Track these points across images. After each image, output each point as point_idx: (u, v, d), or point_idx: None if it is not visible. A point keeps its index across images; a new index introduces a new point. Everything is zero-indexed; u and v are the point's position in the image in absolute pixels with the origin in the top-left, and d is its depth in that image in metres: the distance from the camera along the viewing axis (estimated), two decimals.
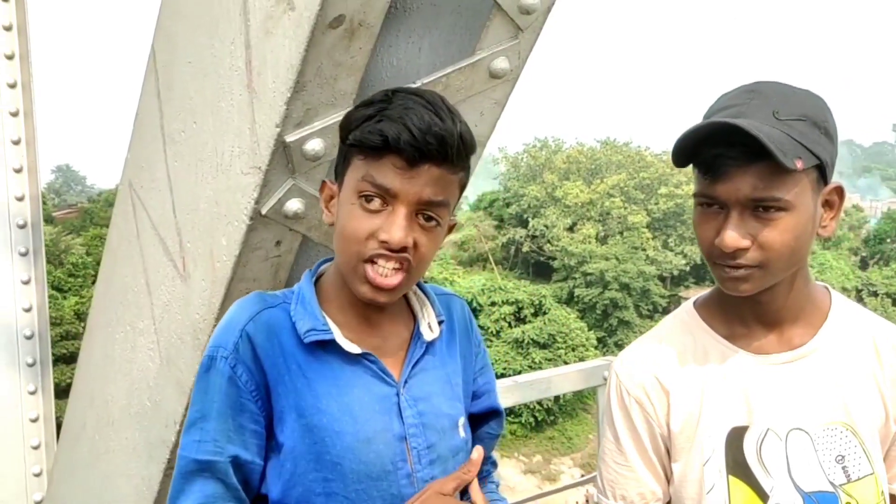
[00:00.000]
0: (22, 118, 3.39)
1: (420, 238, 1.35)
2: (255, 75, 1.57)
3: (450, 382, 1.54)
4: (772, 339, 1.60)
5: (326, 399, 1.38)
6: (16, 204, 3.41)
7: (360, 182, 1.33)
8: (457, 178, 1.38)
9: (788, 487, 1.53)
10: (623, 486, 1.68)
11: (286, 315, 1.40)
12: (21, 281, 3.42)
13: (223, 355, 1.36)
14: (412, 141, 1.28)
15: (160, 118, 1.84)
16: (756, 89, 1.47)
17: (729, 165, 1.41)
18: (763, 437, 1.56)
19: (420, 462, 1.44)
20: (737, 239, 1.43)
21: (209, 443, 1.35)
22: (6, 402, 3.41)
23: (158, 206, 1.87)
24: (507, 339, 35.67)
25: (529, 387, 3.68)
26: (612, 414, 1.68)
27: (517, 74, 1.78)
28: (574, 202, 45.76)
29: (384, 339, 1.47)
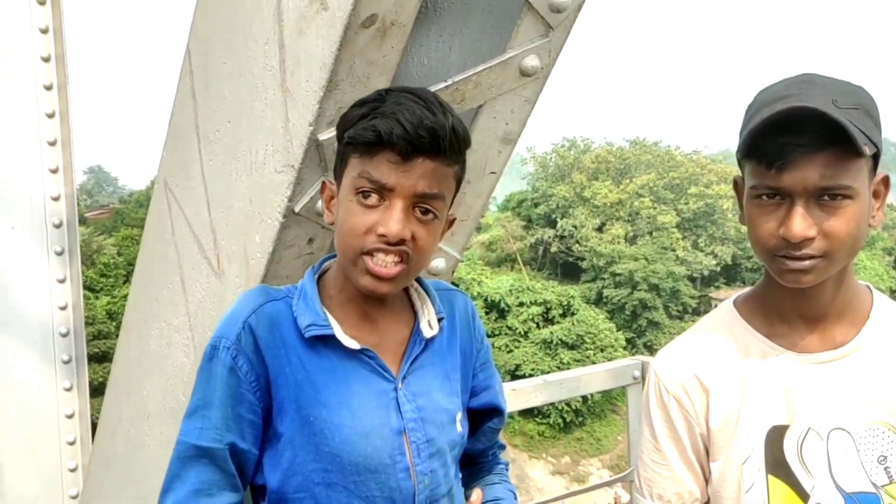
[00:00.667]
0: (58, 119, 3.45)
1: (418, 231, 1.37)
2: (288, 75, 1.59)
3: (448, 378, 1.56)
4: (814, 338, 1.57)
5: (325, 392, 1.41)
6: (52, 204, 3.46)
7: (357, 179, 1.36)
8: (451, 171, 1.40)
9: (829, 487, 1.51)
10: (661, 485, 1.66)
11: (289, 309, 1.43)
12: (57, 280, 3.47)
13: (225, 346, 1.39)
14: (404, 135, 1.31)
15: (195, 118, 1.87)
16: (808, 80, 1.45)
17: (797, 154, 1.38)
18: (804, 436, 1.53)
19: (419, 456, 1.46)
20: (805, 228, 1.40)
21: (211, 430, 1.39)
22: (42, 398, 3.47)
23: (193, 204, 1.90)
24: (536, 340, 35.62)
25: (559, 386, 3.68)
26: (651, 412, 1.67)
27: (548, 72, 1.78)
28: (603, 202, 45.60)
29: (383, 336, 1.49)
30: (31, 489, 3.45)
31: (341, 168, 1.42)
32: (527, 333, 36.05)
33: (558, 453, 33.67)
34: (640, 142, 51.42)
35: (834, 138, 1.35)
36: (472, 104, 1.74)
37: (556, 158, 51.28)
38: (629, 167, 48.72)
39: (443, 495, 1.51)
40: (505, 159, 1.88)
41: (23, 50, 3.33)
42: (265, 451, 1.45)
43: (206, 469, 1.40)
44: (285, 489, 1.43)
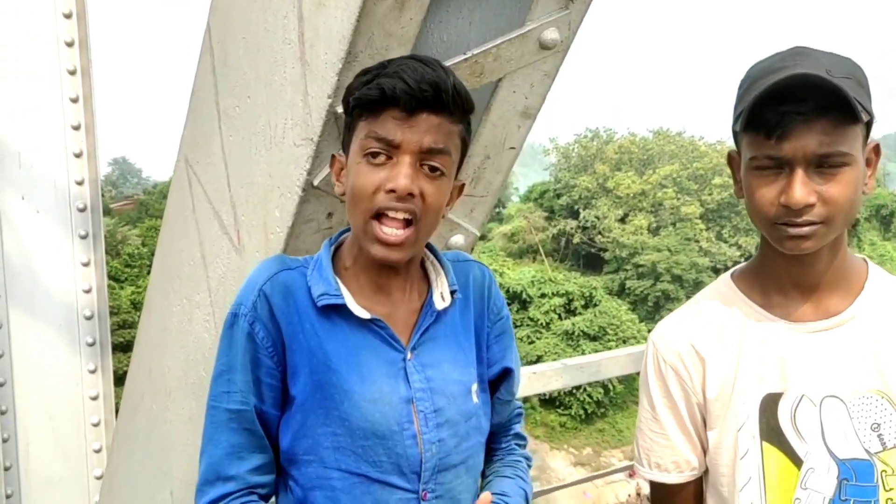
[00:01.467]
0: (81, 104, 3.47)
1: (426, 187, 1.38)
2: (307, 47, 1.60)
3: (462, 349, 1.58)
4: (808, 307, 1.60)
5: (336, 359, 1.44)
6: (76, 188, 3.49)
7: (364, 140, 1.38)
8: (457, 129, 1.42)
9: (823, 454, 1.54)
10: (658, 453, 1.71)
11: (303, 278, 1.47)
12: (81, 263, 3.51)
13: (243, 313, 1.44)
14: (407, 90, 1.33)
15: (215, 94, 1.87)
16: (800, 52, 1.48)
17: (797, 122, 1.41)
18: (797, 403, 1.57)
19: (427, 425, 1.49)
20: (806, 195, 1.43)
21: (237, 393, 1.45)
22: (67, 380, 3.51)
23: (213, 180, 1.91)
24: (557, 332, 35.51)
25: (579, 370, 3.68)
26: (649, 382, 1.71)
27: (567, 45, 1.77)
28: (626, 193, 45.33)
29: (395, 307, 1.52)
30: (56, 470, 3.49)
31: (349, 137, 1.44)
32: (549, 325, 35.94)
33: (580, 444, 33.59)
34: (663, 132, 51.03)
35: (832, 105, 1.38)
36: (492, 77, 1.73)
37: (579, 149, 51.00)
38: (652, 158, 48.39)
39: (454, 465, 1.53)
40: (524, 134, 1.87)
41: (47, 35, 3.36)
42: (282, 413, 1.49)
43: (235, 432, 1.46)
44: (295, 450, 1.48)
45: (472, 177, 1.88)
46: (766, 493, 1.57)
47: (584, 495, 29.48)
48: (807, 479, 1.55)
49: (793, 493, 1.55)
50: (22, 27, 3.32)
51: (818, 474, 1.54)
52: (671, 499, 1.74)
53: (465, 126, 1.45)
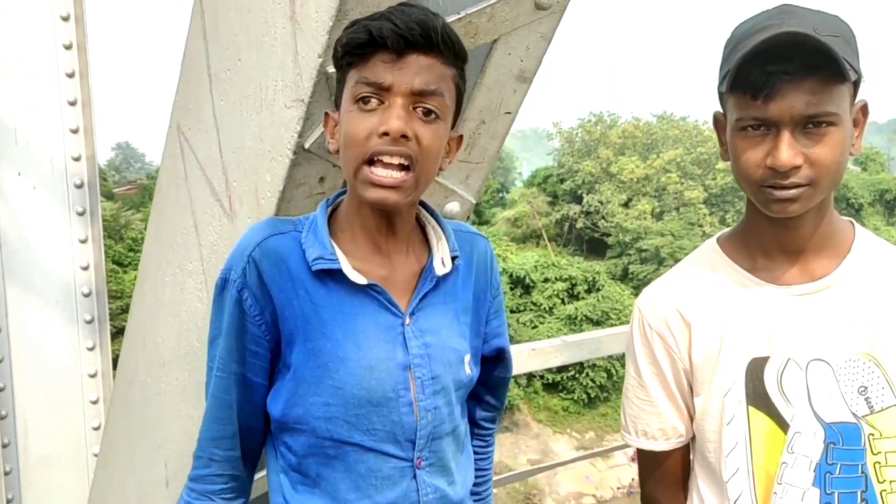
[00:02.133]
0: (78, 79, 3.44)
1: (420, 130, 1.35)
2: (297, 6, 1.57)
3: (458, 319, 1.56)
4: (794, 271, 1.59)
5: (332, 325, 1.42)
6: (73, 164, 3.47)
7: (354, 87, 1.35)
8: (449, 72, 1.39)
9: (809, 417, 1.53)
10: (645, 421, 1.70)
11: (296, 242, 1.43)
12: (78, 240, 3.49)
13: (232, 279, 1.41)
14: (395, 29, 1.30)
15: (206, 58, 1.84)
16: (787, 10, 1.45)
17: (784, 82, 1.38)
18: (783, 367, 1.55)
19: (424, 392, 1.47)
20: (792, 156, 1.41)
21: (217, 359, 1.46)
22: (65, 358, 3.50)
23: (205, 146, 1.88)
24: (560, 316, 35.54)
25: (578, 346, 3.66)
26: (635, 349, 1.70)
27: (564, 6, 1.74)
28: (629, 178, 45.22)
29: (394, 270, 1.49)
30: (55, 448, 3.49)
31: (340, 91, 1.41)
32: (552, 309, 35.96)
33: (582, 429, 33.66)
34: (667, 116, 50.87)
35: (820, 64, 1.36)
36: (486, 39, 1.70)
37: (583, 134, 50.86)
38: (656, 142, 48.25)
39: (446, 433, 1.52)
40: (520, 99, 1.84)
41: (42, 9, 3.33)
42: (275, 381, 1.47)
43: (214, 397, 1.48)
44: (286, 419, 1.46)
45: (468, 143, 1.85)
46: (752, 458, 1.56)
47: (586, 479, 29.60)
48: (793, 442, 1.53)
49: (779, 458, 1.54)
50: (16, 2, 3.29)
51: (805, 438, 1.53)
52: (659, 466, 1.74)
53: (458, 71, 1.41)
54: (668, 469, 1.73)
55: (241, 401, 1.47)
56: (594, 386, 33.35)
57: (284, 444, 1.49)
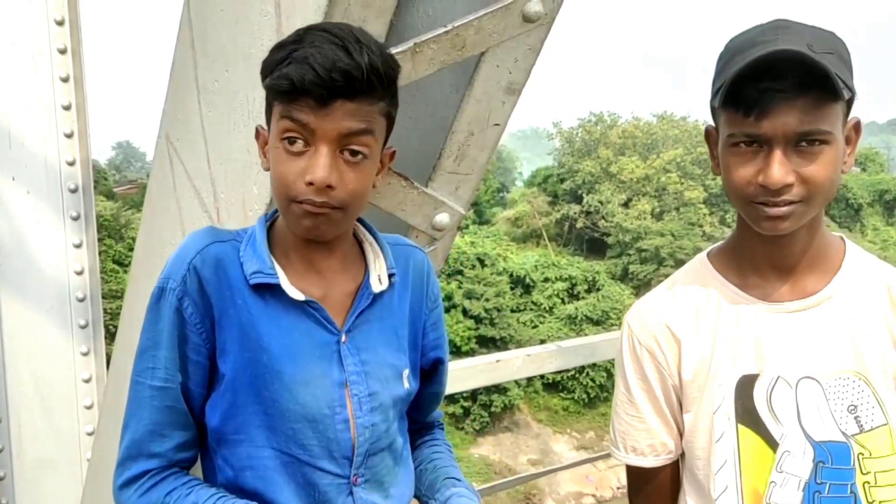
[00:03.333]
0: (72, 84, 3.44)
1: (347, 175, 1.34)
2: (284, 19, 1.57)
3: (396, 334, 1.55)
4: (785, 288, 1.58)
5: (268, 338, 1.41)
6: (67, 169, 3.46)
7: (280, 121, 1.33)
8: (376, 108, 1.36)
9: (799, 436, 1.52)
10: (634, 437, 1.68)
11: (235, 252, 1.42)
12: (73, 244, 3.49)
13: (171, 287, 1.39)
14: (318, 80, 1.27)
15: (194, 69, 1.84)
16: (782, 25, 1.44)
17: (778, 100, 1.37)
18: (773, 384, 1.54)
19: (361, 409, 1.46)
20: (784, 175, 1.40)
21: (161, 370, 1.41)
22: (60, 363, 3.49)
23: (193, 157, 1.88)
24: (560, 316, 35.56)
25: (574, 352, 3.65)
26: (624, 364, 1.68)
27: (552, 18, 1.74)
28: (629, 178, 45.21)
29: (331, 287, 1.48)
30: (49, 452, 3.48)
31: (269, 114, 1.39)
32: (552, 309, 35.98)
33: (582, 428, 33.67)
34: (667, 116, 50.84)
35: (813, 82, 1.34)
36: (474, 51, 1.70)
37: (583, 133, 50.85)
38: (656, 142, 48.23)
39: (382, 448, 1.51)
40: (509, 111, 1.84)
41: (36, 14, 3.32)
42: (211, 391, 1.45)
43: (158, 410, 1.42)
44: (225, 429, 1.44)
45: (457, 154, 1.85)
46: (741, 477, 1.55)
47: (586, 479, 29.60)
48: (782, 461, 1.52)
49: (768, 476, 1.53)
50: (11, 6, 3.29)
51: (794, 457, 1.52)
52: (648, 483, 1.73)
53: (388, 100, 1.39)
54: (658, 485, 1.72)
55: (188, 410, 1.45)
56: (594, 385, 33.35)
57: (222, 457, 1.47)
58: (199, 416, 1.46)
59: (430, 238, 1.91)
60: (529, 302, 36.38)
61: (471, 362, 3.43)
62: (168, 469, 1.45)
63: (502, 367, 3.33)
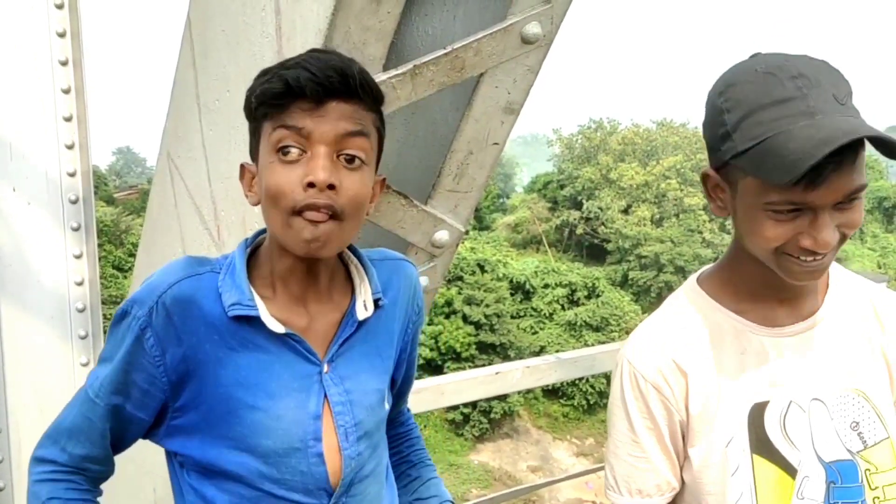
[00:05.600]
0: (73, 95, 3.44)
1: (346, 180, 1.30)
2: (284, 41, 1.58)
3: (380, 354, 1.52)
4: (783, 311, 1.55)
5: (245, 371, 1.37)
6: (68, 180, 3.46)
7: (274, 133, 1.29)
8: (370, 116, 1.34)
9: (813, 459, 1.49)
10: (639, 479, 1.60)
11: (212, 284, 1.38)
12: (73, 255, 3.48)
13: (137, 315, 1.35)
14: (313, 78, 1.25)
15: (195, 87, 1.85)
16: (799, 73, 1.34)
17: (831, 170, 1.29)
18: (786, 410, 1.51)
19: (347, 440, 1.43)
20: (832, 237, 1.35)
21: (98, 385, 1.38)
22: (59, 374, 3.49)
23: (194, 175, 1.89)
24: (560, 322, 35.55)
25: (573, 364, 3.64)
26: (626, 403, 1.59)
27: (550, 40, 1.75)
28: (629, 184, 45.25)
29: (314, 318, 1.44)
30: None
31: (256, 143, 1.36)
32: (552, 315, 35.98)
33: (582, 435, 33.63)
34: (667, 123, 50.88)
35: (861, 146, 1.29)
36: (473, 72, 1.71)
37: (583, 140, 50.91)
38: (656, 149, 48.26)
39: (366, 475, 1.49)
40: (508, 130, 1.85)
41: (37, 25, 3.33)
42: (179, 418, 1.42)
43: (81, 416, 1.41)
44: (201, 459, 1.41)
45: (456, 173, 1.86)
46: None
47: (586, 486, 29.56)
48: (802, 487, 1.49)
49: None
50: (13, 17, 3.30)
51: (812, 481, 1.49)
52: None
53: (377, 116, 1.37)
54: None
55: (113, 429, 1.42)
56: (594, 392, 33.32)
57: (193, 488, 1.45)
58: (130, 441, 1.46)
59: (429, 255, 1.92)
60: (529, 308, 36.39)
61: (470, 374, 3.42)
62: (72, 472, 1.44)
63: (501, 380, 3.32)
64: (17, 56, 3.29)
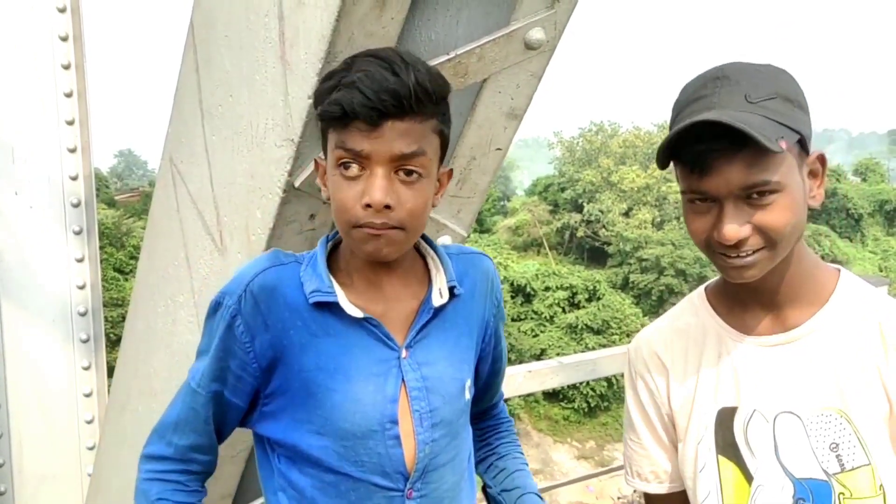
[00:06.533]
0: (76, 99, 3.45)
1: (403, 194, 1.36)
2: (287, 47, 1.57)
3: (459, 345, 1.56)
4: (767, 321, 1.57)
5: (325, 357, 1.44)
6: (70, 183, 3.47)
7: (335, 151, 1.36)
8: (428, 126, 1.38)
9: (776, 470, 1.50)
10: (637, 462, 1.72)
11: (296, 274, 1.45)
12: (75, 259, 3.50)
13: (227, 304, 1.43)
14: (366, 103, 1.30)
15: (198, 92, 1.85)
16: (722, 75, 1.43)
17: (716, 158, 1.37)
18: (749, 418, 1.54)
19: (422, 425, 1.48)
20: (737, 230, 1.39)
21: (199, 375, 1.48)
22: (61, 377, 3.50)
23: (197, 180, 1.89)
24: (561, 325, 35.54)
25: (575, 368, 3.66)
26: (627, 391, 1.74)
27: (554, 46, 1.75)
28: (630, 187, 45.27)
29: (392, 305, 1.50)
30: (50, 467, 3.49)
31: (324, 143, 1.42)
32: (552, 318, 35.97)
33: (583, 438, 33.62)
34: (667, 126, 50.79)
35: (749, 139, 1.32)
36: (476, 78, 1.71)
37: (584, 143, 50.96)
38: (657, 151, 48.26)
39: (443, 464, 1.53)
40: (511, 135, 1.85)
41: (40, 29, 3.34)
42: (269, 404, 1.49)
43: (186, 407, 1.50)
44: (285, 443, 1.48)
45: (459, 178, 1.86)
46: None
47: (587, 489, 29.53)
48: (756, 495, 1.52)
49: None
50: (15, 21, 3.30)
51: (769, 491, 1.51)
52: None
53: (439, 118, 1.41)
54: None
55: (215, 414, 1.50)
56: (595, 395, 33.31)
57: (281, 471, 1.52)
58: (232, 425, 1.53)
59: None
60: (530, 311, 36.39)
61: None
62: (180, 472, 1.52)
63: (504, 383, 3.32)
64: (19, 59, 3.30)
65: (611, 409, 34.32)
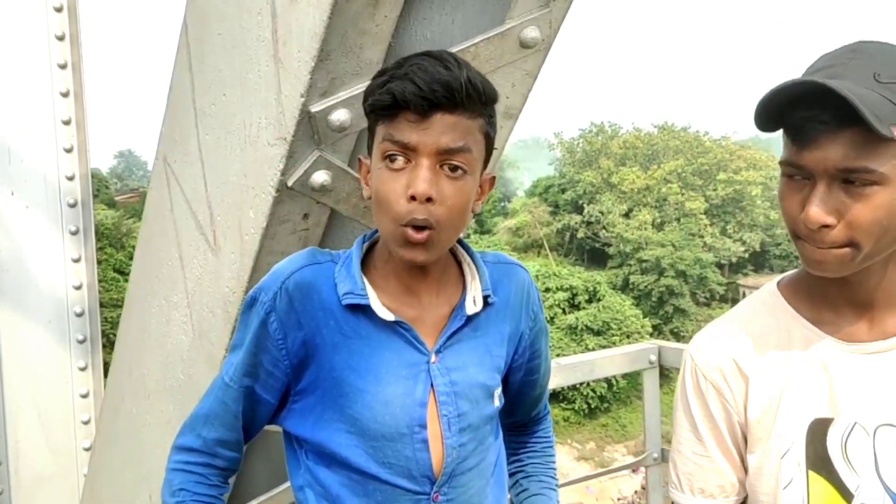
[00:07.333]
0: (72, 99, 3.44)
1: (447, 189, 1.35)
2: (280, 45, 1.56)
3: (490, 353, 1.55)
4: (863, 326, 1.44)
5: (357, 357, 1.44)
6: (66, 183, 3.47)
7: (382, 143, 1.36)
8: (476, 123, 1.38)
9: (876, 487, 1.39)
10: (702, 478, 1.55)
11: (331, 273, 1.46)
12: (72, 259, 3.49)
13: (263, 300, 1.44)
14: (418, 92, 1.30)
15: (192, 91, 1.84)
16: (859, 48, 1.31)
17: (819, 131, 1.25)
18: (849, 431, 1.41)
19: (450, 429, 1.48)
20: (821, 214, 1.28)
21: (232, 370, 1.48)
22: (57, 377, 3.49)
23: (190, 179, 1.88)
24: (561, 326, 35.59)
25: (573, 369, 3.63)
26: (689, 401, 1.55)
27: (549, 44, 1.73)
28: (630, 188, 45.33)
29: (425, 309, 1.50)
30: (47, 467, 3.48)
31: (371, 141, 1.42)
32: (553, 319, 36.00)
33: (583, 439, 33.65)
34: (668, 127, 50.97)
35: (859, 117, 1.19)
36: None
37: (584, 144, 51.03)
38: (657, 153, 48.35)
39: (469, 469, 1.53)
40: (507, 135, 1.83)
41: (37, 29, 3.33)
42: (299, 402, 1.50)
43: (218, 401, 1.51)
44: (313, 440, 1.49)
45: None
46: None
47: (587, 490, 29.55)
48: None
49: None
50: (12, 21, 3.29)
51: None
52: None
53: (486, 119, 1.41)
54: None
55: (245, 410, 1.51)
56: (595, 396, 33.36)
57: (308, 468, 1.53)
58: (262, 419, 1.54)
59: None
60: None
61: None
62: (205, 465, 1.53)
63: None
64: (16, 59, 3.29)
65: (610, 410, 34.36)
